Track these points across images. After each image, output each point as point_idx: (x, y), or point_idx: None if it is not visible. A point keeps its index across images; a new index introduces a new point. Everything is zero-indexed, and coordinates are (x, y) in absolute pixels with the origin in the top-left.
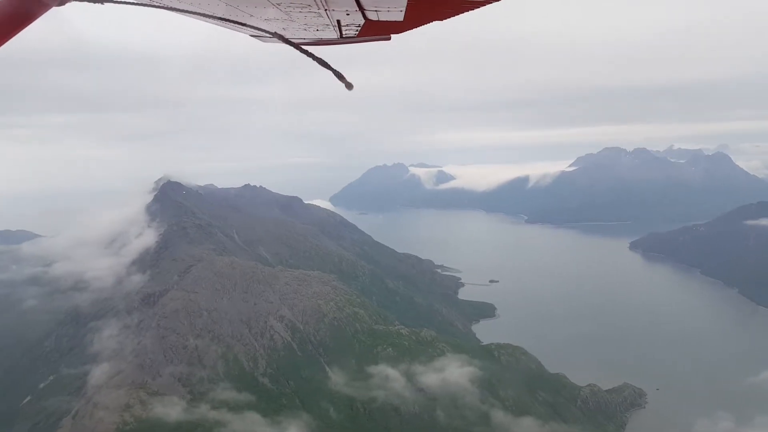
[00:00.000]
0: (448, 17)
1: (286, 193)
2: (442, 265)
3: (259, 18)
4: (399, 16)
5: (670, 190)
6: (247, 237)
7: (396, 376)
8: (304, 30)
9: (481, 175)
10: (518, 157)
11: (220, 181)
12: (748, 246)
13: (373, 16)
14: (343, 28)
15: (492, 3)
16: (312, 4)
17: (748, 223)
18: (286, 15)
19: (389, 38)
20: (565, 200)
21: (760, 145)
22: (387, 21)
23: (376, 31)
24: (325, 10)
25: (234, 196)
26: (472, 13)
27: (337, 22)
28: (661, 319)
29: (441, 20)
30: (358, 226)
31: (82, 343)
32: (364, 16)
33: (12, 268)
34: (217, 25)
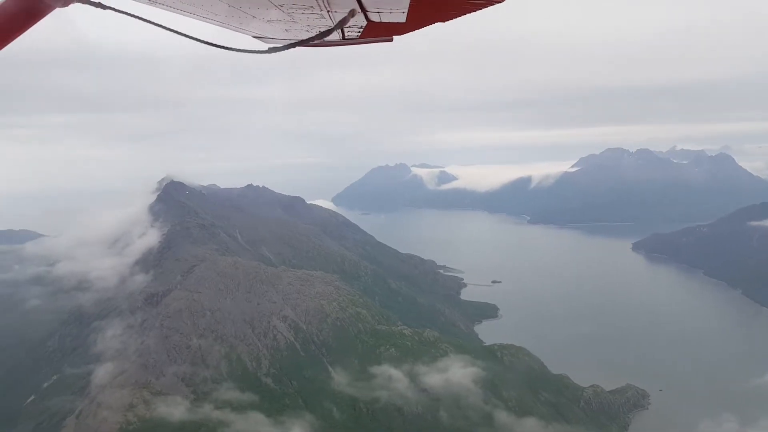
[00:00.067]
0: (451, 19)
1: (288, 194)
2: (445, 266)
3: (261, 20)
4: (401, 18)
5: (673, 191)
6: (250, 237)
7: (399, 376)
8: (307, 31)
9: (484, 176)
10: (520, 157)
11: (223, 181)
12: (751, 247)
13: (375, 18)
14: (346, 30)
15: (494, 4)
16: (314, 6)
17: (752, 224)
18: (288, 16)
19: (391, 39)
20: (567, 201)
21: (763, 146)
22: (389, 22)
23: (378, 32)
24: (328, 12)
25: (237, 196)
26: (474, 14)
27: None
28: (664, 320)
29: (443, 22)
30: (360, 227)
31: (86, 343)
32: (367, 18)
33: (15, 267)
34: (220, 27)
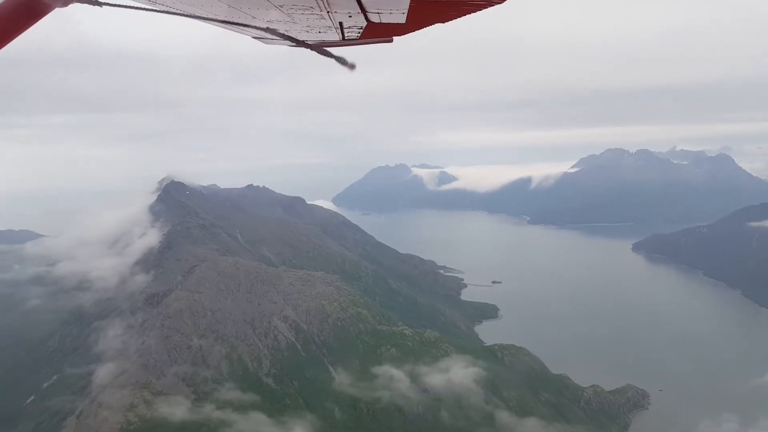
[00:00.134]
0: (450, 20)
1: (288, 194)
2: (445, 266)
3: (261, 20)
4: (401, 19)
5: (673, 192)
6: (251, 237)
7: (400, 376)
8: (307, 32)
9: (484, 176)
10: (520, 157)
11: (223, 182)
12: (751, 247)
13: (375, 19)
14: (346, 30)
15: (494, 5)
16: (314, 6)
17: (751, 224)
18: (288, 17)
19: (391, 40)
20: (567, 201)
21: (763, 147)
22: (389, 23)
23: (378, 33)
24: (328, 12)
25: (237, 197)
26: (474, 14)
27: (339, 24)
28: (664, 321)
29: (443, 23)
30: (360, 227)
31: (86, 343)
32: (367, 19)
33: (15, 267)
34: (220, 27)
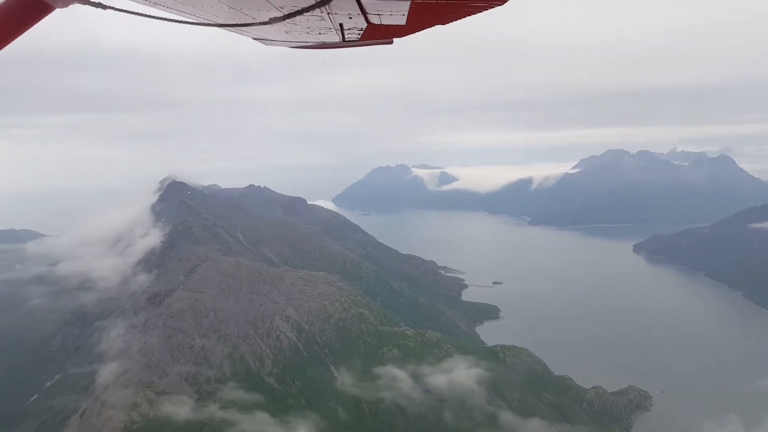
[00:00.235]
0: (450, 21)
1: (288, 194)
2: (446, 267)
3: (262, 21)
4: (401, 20)
5: (674, 193)
6: (252, 237)
7: (403, 377)
8: (307, 33)
9: (484, 177)
10: (521, 158)
11: (223, 182)
12: (752, 249)
13: (375, 20)
14: (346, 32)
15: (494, 7)
16: (315, 8)
17: (752, 226)
18: (289, 18)
19: (391, 42)
20: (568, 202)
21: (763, 148)
22: (389, 25)
23: (378, 34)
24: (328, 14)
25: (238, 197)
26: (474, 15)
27: (340, 26)
28: (665, 322)
29: (443, 24)
30: (361, 227)
31: (89, 343)
32: (367, 20)
33: (17, 267)
34: (222, 29)
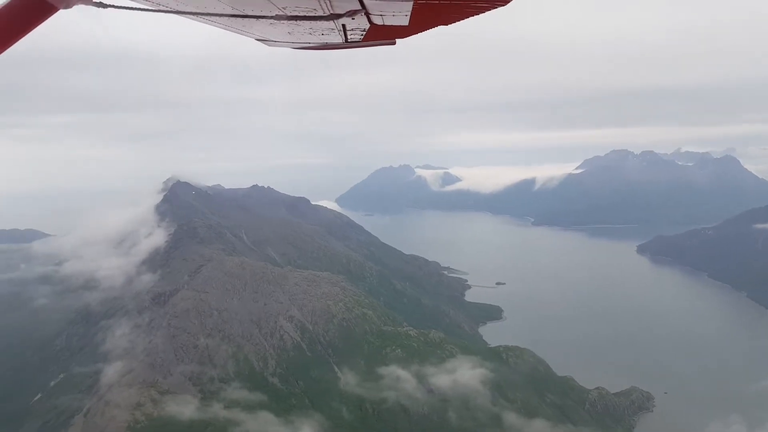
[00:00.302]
0: (453, 22)
1: (291, 194)
2: (449, 267)
3: (264, 22)
4: (404, 21)
5: (678, 193)
6: (256, 237)
7: (407, 377)
8: (310, 34)
9: (488, 177)
10: (524, 159)
11: (225, 182)
12: (756, 249)
13: (378, 21)
14: (349, 33)
15: (497, 8)
16: (317, 9)
17: (757, 226)
18: (291, 19)
19: (394, 43)
20: (571, 203)
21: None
22: (392, 26)
23: (381, 35)
24: (331, 15)
25: (242, 197)
26: (477, 16)
27: (343, 27)
28: (669, 323)
29: (446, 25)
30: (364, 227)
31: (93, 342)
32: (370, 21)
33: (21, 266)
34: (223, 29)
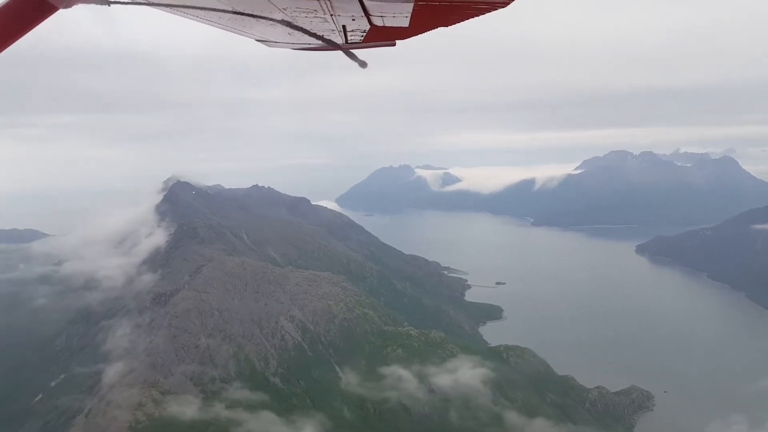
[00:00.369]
0: (453, 23)
1: (291, 194)
2: (449, 267)
3: (265, 23)
4: (404, 22)
5: (677, 194)
6: (256, 237)
7: (408, 377)
8: (310, 35)
9: (487, 177)
10: (524, 159)
11: (226, 182)
12: (755, 250)
13: (378, 22)
14: (349, 34)
15: (497, 9)
16: (318, 9)
17: (755, 227)
18: (291, 20)
19: (394, 44)
20: (571, 203)
21: (767, 150)
22: (392, 27)
23: (381, 36)
24: (331, 16)
25: (242, 197)
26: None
27: (343, 28)
28: (668, 323)
29: (446, 26)
30: (364, 228)
31: (94, 342)
32: (370, 22)
33: (21, 266)
34: (224, 30)
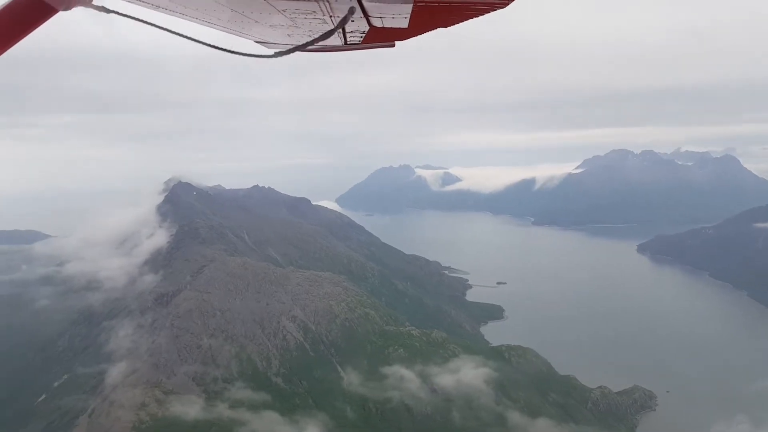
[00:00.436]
0: (453, 24)
1: (291, 194)
2: (450, 267)
3: (264, 24)
4: (403, 24)
5: (678, 193)
6: (257, 238)
7: (411, 377)
8: (309, 36)
9: (488, 177)
10: (525, 159)
11: (226, 182)
12: (756, 249)
13: (377, 23)
14: (348, 35)
15: (496, 10)
16: (317, 11)
17: (757, 225)
18: (291, 21)
19: (393, 45)
20: (571, 202)
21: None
22: (391, 28)
23: (380, 37)
24: (330, 17)
25: (243, 197)
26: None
27: (342, 29)
28: (670, 322)
29: (445, 27)
30: (365, 228)
31: (96, 343)
32: (369, 23)
33: (23, 267)
34: (223, 31)
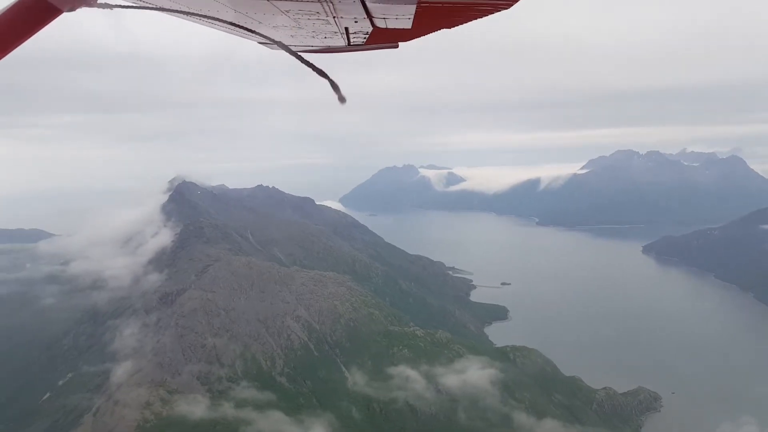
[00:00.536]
0: (457, 25)
1: (295, 194)
2: (454, 267)
3: (267, 25)
4: (407, 24)
5: (684, 194)
6: (262, 237)
7: (416, 377)
8: (312, 37)
9: (492, 177)
10: (529, 159)
11: (230, 182)
12: (763, 250)
13: (381, 24)
14: (351, 36)
15: (500, 10)
16: (320, 12)
17: (763, 227)
18: (294, 22)
19: (397, 46)
20: (576, 203)
21: None
22: (395, 29)
23: (384, 38)
24: (334, 18)
25: (247, 197)
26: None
27: (345, 30)
28: (675, 323)
29: (449, 28)
30: (369, 228)
31: (101, 341)
32: (373, 24)
33: (27, 266)
34: (226, 32)
